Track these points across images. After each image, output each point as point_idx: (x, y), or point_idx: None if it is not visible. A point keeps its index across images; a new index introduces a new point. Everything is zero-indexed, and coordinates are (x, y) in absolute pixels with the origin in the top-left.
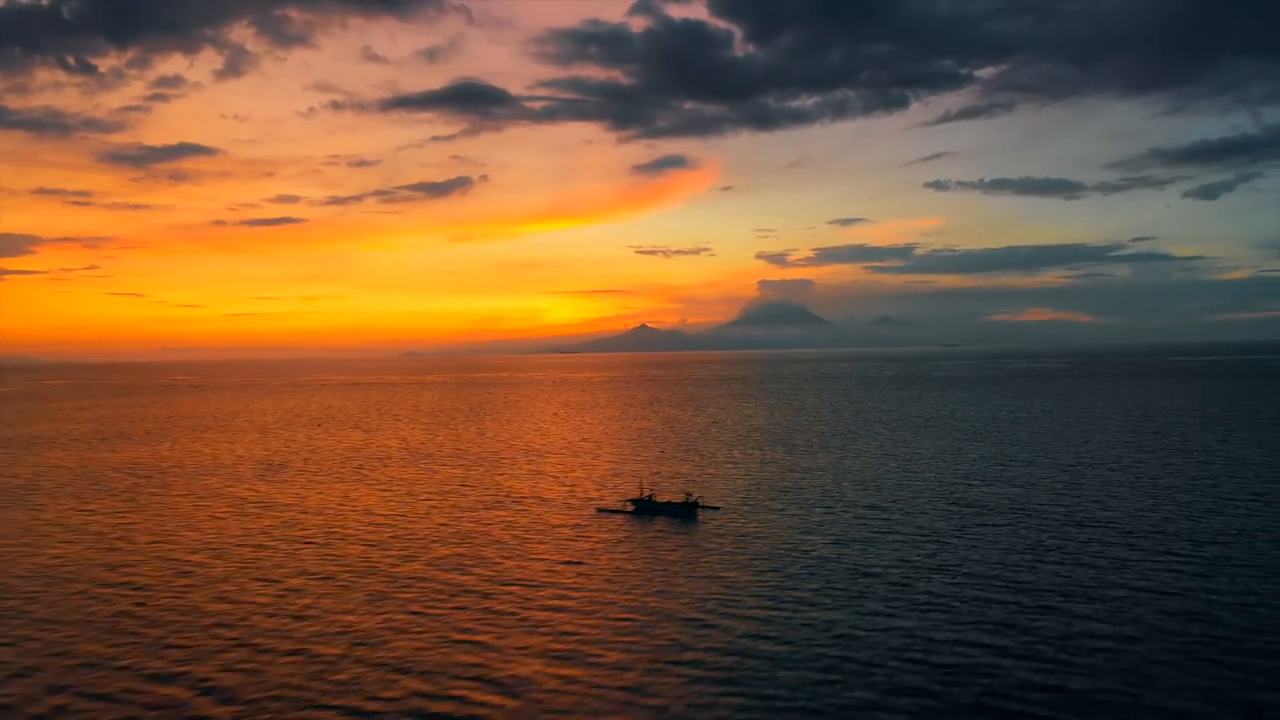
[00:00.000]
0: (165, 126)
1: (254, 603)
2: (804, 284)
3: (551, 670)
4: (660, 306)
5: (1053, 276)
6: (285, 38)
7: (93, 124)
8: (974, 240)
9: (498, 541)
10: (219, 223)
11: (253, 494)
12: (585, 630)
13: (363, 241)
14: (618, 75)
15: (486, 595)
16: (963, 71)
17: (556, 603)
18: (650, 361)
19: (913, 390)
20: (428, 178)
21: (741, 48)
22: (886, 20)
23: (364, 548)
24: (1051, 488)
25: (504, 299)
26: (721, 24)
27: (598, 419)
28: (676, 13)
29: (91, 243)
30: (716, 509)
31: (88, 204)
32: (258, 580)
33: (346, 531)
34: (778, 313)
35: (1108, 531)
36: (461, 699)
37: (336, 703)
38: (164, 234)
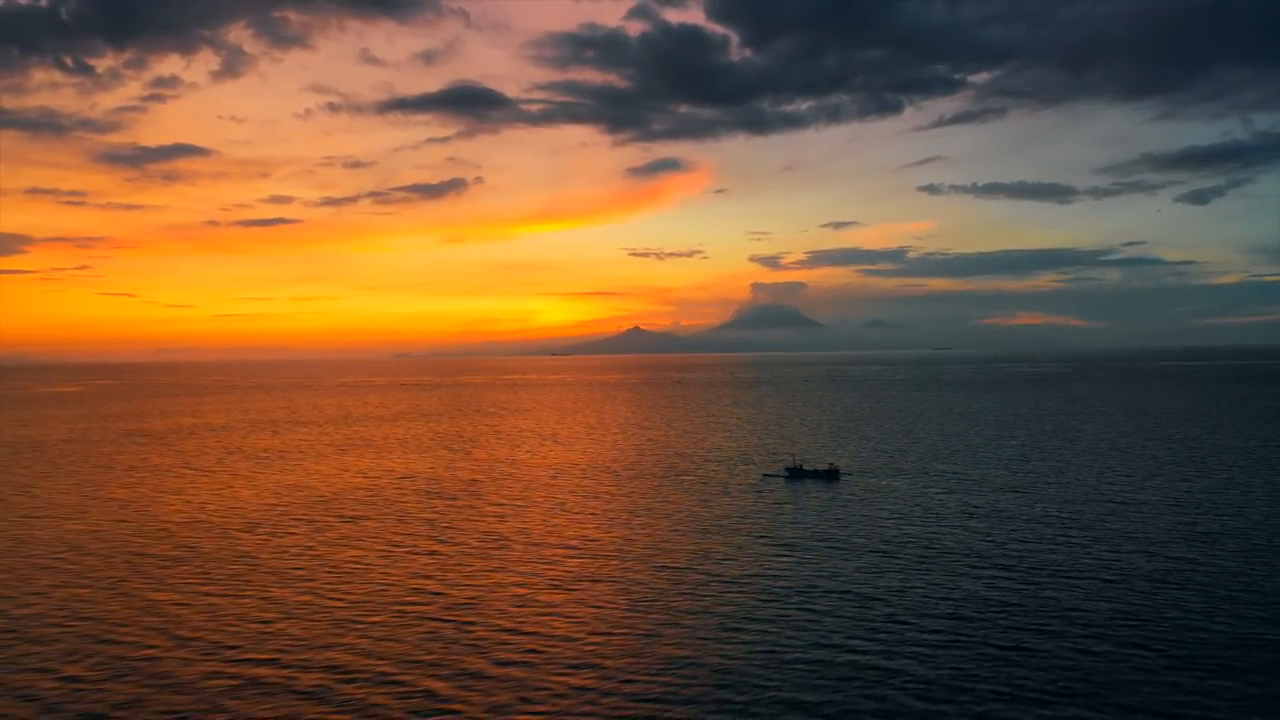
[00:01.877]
0: (160, 127)
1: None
2: (797, 287)
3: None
4: (653, 309)
5: (1044, 280)
6: (282, 39)
7: (88, 124)
8: (966, 244)
9: (706, 495)
10: (212, 223)
11: (493, 456)
12: (783, 563)
13: (356, 242)
14: (614, 79)
15: (730, 529)
16: (956, 77)
17: (765, 534)
18: (654, 364)
19: (932, 391)
20: (422, 179)
21: (737, 52)
22: (881, 26)
23: (612, 489)
24: (1083, 461)
25: (496, 300)
26: (718, 29)
27: (677, 415)
28: (673, 17)
29: (84, 242)
30: (850, 474)
31: (81, 204)
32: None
33: (583, 487)
34: (770, 315)
35: (1127, 487)
36: (720, 597)
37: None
38: (157, 234)
